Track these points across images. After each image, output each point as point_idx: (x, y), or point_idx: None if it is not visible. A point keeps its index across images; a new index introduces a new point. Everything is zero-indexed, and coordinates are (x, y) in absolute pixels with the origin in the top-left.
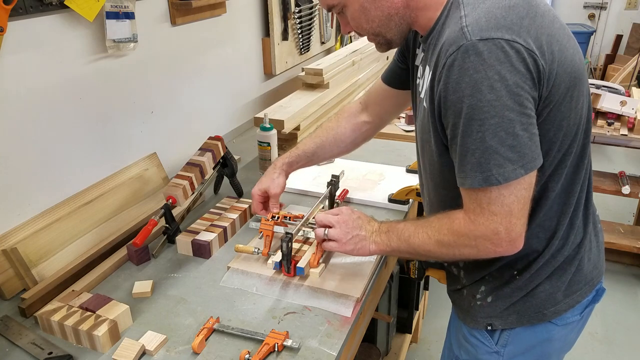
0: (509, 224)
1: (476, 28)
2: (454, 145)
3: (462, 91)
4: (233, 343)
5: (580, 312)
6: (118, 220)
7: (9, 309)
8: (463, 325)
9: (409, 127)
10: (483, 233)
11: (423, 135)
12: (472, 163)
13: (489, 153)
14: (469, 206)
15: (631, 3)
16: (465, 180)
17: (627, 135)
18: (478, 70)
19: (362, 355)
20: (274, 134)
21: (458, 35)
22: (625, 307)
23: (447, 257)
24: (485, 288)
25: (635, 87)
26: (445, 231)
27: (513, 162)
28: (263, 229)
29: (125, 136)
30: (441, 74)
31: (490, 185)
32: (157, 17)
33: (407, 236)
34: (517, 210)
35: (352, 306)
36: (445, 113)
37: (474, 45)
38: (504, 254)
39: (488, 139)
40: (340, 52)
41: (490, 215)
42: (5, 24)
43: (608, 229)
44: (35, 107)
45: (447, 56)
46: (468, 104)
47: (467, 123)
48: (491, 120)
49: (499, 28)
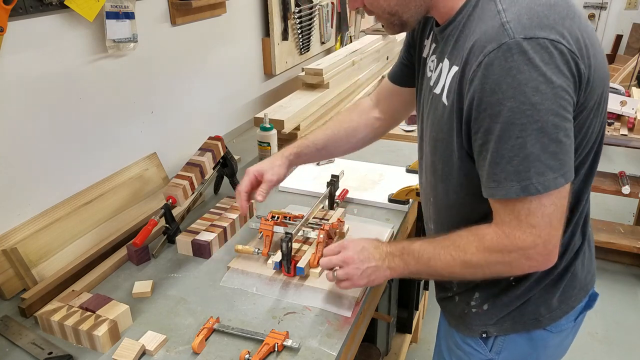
0: (548, 236)
1: (519, 25)
2: (484, 152)
3: (502, 93)
4: (233, 343)
5: (575, 318)
6: (118, 220)
7: (9, 309)
8: (455, 333)
9: (409, 127)
10: (520, 247)
11: (437, 135)
12: (508, 171)
13: (530, 160)
14: (503, 219)
15: (631, 3)
16: (498, 190)
17: (627, 135)
18: (522, 70)
19: (362, 355)
20: (274, 134)
21: (498, 32)
22: (625, 307)
23: (473, 277)
24: (479, 295)
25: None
26: (473, 250)
27: (554, 170)
28: (263, 229)
29: (125, 136)
30: (475, 73)
31: (529, 195)
32: (157, 17)
33: (426, 259)
34: (557, 222)
35: (352, 306)
36: (478, 116)
37: (518, 44)
38: (538, 269)
39: (529, 145)
40: (340, 52)
41: (529, 227)
42: (5, 24)
43: (608, 229)
44: (35, 107)
45: (486, 54)
46: (509, 106)
47: (505, 128)
48: (534, 125)
49: (542, 27)
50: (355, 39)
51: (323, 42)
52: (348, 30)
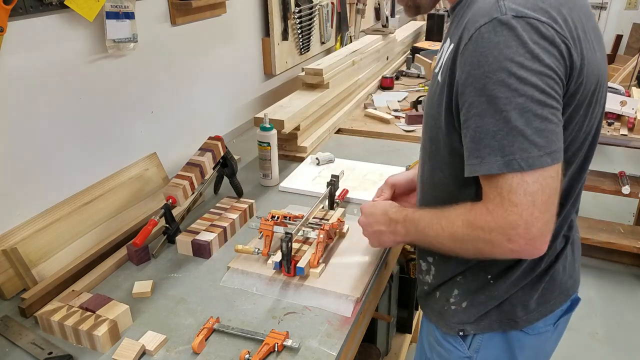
0: (531, 217)
1: (512, 3)
2: (466, 129)
3: (488, 65)
4: (233, 343)
5: (554, 322)
6: (118, 220)
7: (9, 309)
8: (436, 329)
9: (409, 127)
10: (499, 225)
11: (429, 111)
12: (491, 146)
13: (513, 135)
14: (489, 196)
15: (631, 3)
16: (481, 166)
17: (627, 135)
18: (509, 45)
19: (362, 355)
20: (274, 134)
21: (492, 8)
22: (625, 307)
23: (462, 252)
24: (458, 292)
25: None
26: (460, 223)
27: (539, 147)
28: (263, 229)
29: (125, 136)
30: (467, 46)
31: (512, 171)
32: (157, 17)
33: (422, 227)
34: (541, 202)
35: (352, 306)
36: (464, 90)
37: (508, 21)
38: (522, 254)
39: (513, 119)
40: (340, 52)
41: (511, 205)
42: (5, 24)
43: (608, 229)
44: (35, 107)
45: (477, 27)
46: (494, 79)
47: (489, 101)
48: (519, 99)
49: (535, 9)
50: (355, 39)
51: (323, 42)
52: (348, 30)
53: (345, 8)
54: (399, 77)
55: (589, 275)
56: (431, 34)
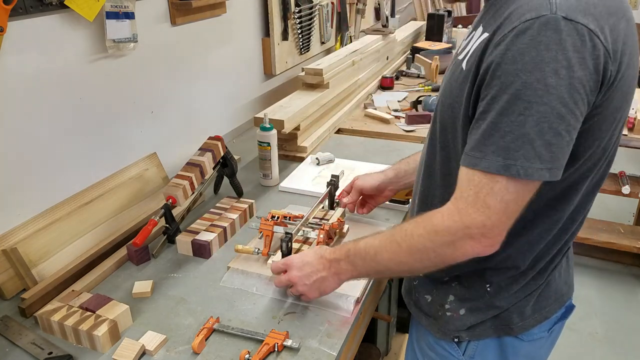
0: (498, 221)
1: (565, 3)
2: (481, 120)
3: (523, 64)
4: (233, 343)
5: (549, 329)
6: (118, 220)
7: (9, 309)
8: (428, 333)
9: (409, 127)
10: (467, 226)
11: (446, 100)
12: (498, 145)
13: (523, 141)
14: (463, 193)
15: (631, 3)
16: (482, 161)
17: (627, 135)
18: (550, 48)
19: (362, 355)
20: (274, 134)
21: (542, 4)
22: (625, 307)
23: (422, 265)
24: (454, 298)
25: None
26: (420, 231)
27: (543, 161)
28: (263, 229)
29: (125, 136)
30: (505, 37)
31: (508, 176)
32: (157, 17)
33: (373, 254)
34: (511, 212)
35: (352, 306)
36: (490, 82)
37: (556, 21)
38: (479, 253)
39: (528, 126)
40: (340, 52)
41: (484, 207)
42: (5, 24)
43: (608, 229)
44: (35, 107)
45: (522, 21)
46: (523, 80)
47: (511, 100)
48: (540, 107)
49: (587, 14)
50: (355, 39)
51: (323, 42)
52: (348, 30)
53: (345, 8)
54: (399, 77)
55: (589, 275)
56: (431, 34)
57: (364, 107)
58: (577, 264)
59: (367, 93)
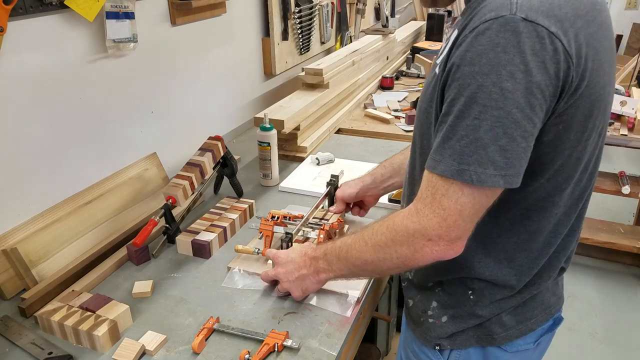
0: (454, 223)
1: (526, 4)
2: (443, 123)
3: (480, 66)
4: (233, 343)
5: (535, 341)
6: (118, 220)
7: (9, 309)
8: (413, 339)
9: (409, 127)
10: (422, 226)
11: (421, 105)
12: (454, 149)
13: (476, 146)
14: (423, 193)
15: (631, 3)
16: (439, 164)
17: (627, 135)
18: (507, 51)
19: (362, 355)
20: (274, 134)
21: (503, 4)
22: (625, 307)
23: (385, 265)
24: (437, 305)
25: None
26: (383, 230)
27: (497, 167)
28: (263, 229)
29: (125, 136)
30: (465, 39)
31: (461, 181)
32: (157, 17)
33: (345, 252)
34: (468, 215)
35: (352, 306)
36: (451, 84)
37: (515, 22)
38: (441, 256)
39: (482, 130)
40: (340, 52)
41: (439, 208)
42: (5, 24)
43: (608, 229)
44: (35, 107)
45: (482, 21)
46: (479, 83)
47: (467, 103)
48: (494, 112)
49: (549, 15)
50: (355, 39)
51: (323, 42)
52: (348, 30)
53: (345, 8)
54: (399, 77)
55: (589, 275)
56: (431, 34)
57: (364, 107)
58: (577, 264)
59: (367, 93)
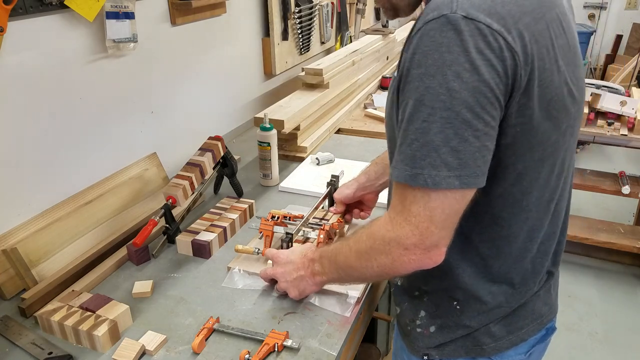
0: (427, 231)
1: (466, 2)
2: (398, 128)
3: (426, 68)
4: (233, 343)
5: (527, 351)
6: (118, 220)
7: (9, 309)
8: (403, 347)
9: None
10: (397, 235)
11: (387, 109)
12: (406, 154)
13: (427, 149)
14: (394, 202)
15: (631, 3)
16: (395, 170)
17: (627, 135)
18: (452, 50)
19: (362, 355)
20: (274, 134)
21: (444, 2)
22: (625, 307)
23: (368, 273)
24: (425, 314)
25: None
26: (364, 237)
27: (450, 168)
28: (263, 229)
29: (125, 136)
30: (411, 41)
31: (415, 185)
32: (157, 17)
33: (334, 256)
34: (439, 220)
35: (352, 306)
36: (404, 88)
37: (456, 20)
38: (419, 265)
39: (432, 133)
40: (340, 52)
41: (410, 215)
42: (5, 24)
43: (608, 229)
44: (35, 107)
45: (425, 22)
46: (427, 85)
47: (416, 107)
48: (443, 113)
49: (491, 12)
50: (355, 39)
51: (323, 42)
52: (348, 30)
53: (345, 8)
54: None
55: (589, 275)
56: None
57: (364, 107)
58: (577, 264)
59: (367, 93)
